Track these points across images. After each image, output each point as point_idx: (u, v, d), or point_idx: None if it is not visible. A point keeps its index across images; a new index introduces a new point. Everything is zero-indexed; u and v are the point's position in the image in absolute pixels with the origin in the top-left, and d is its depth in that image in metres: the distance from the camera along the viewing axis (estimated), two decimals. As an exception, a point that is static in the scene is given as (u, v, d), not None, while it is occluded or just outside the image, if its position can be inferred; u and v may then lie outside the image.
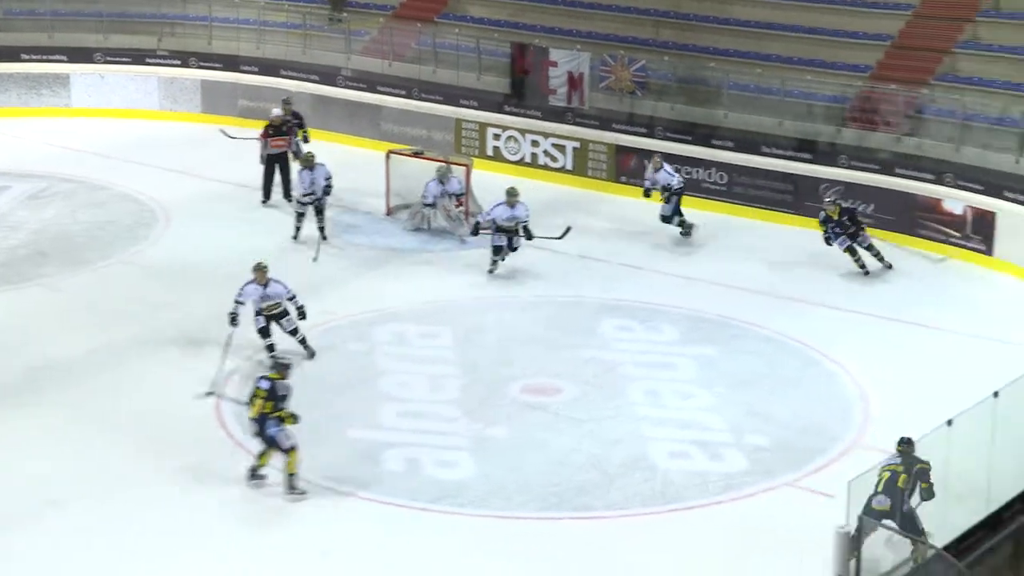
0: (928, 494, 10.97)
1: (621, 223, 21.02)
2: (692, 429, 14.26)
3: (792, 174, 21.10)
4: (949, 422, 10.43)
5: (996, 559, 10.65)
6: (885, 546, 10.55)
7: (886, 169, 20.48)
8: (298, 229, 19.56)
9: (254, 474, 13.01)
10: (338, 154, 23.90)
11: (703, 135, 22.12)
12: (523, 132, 23.41)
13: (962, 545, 10.39)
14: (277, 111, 21.90)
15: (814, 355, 16.16)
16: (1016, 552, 10.86)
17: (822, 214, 18.83)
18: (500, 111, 23.77)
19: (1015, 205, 18.94)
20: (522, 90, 23.63)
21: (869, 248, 18.71)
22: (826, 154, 21.01)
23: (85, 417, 14.43)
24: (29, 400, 14.79)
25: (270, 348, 15.60)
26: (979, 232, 19.32)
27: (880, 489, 10.86)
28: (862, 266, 18.60)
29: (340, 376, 15.44)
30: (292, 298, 15.70)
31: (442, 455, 13.71)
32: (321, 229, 19.46)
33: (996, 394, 10.73)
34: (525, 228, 18.40)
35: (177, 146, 24.35)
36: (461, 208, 20.29)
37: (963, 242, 19.50)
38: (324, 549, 12.01)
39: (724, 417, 14.52)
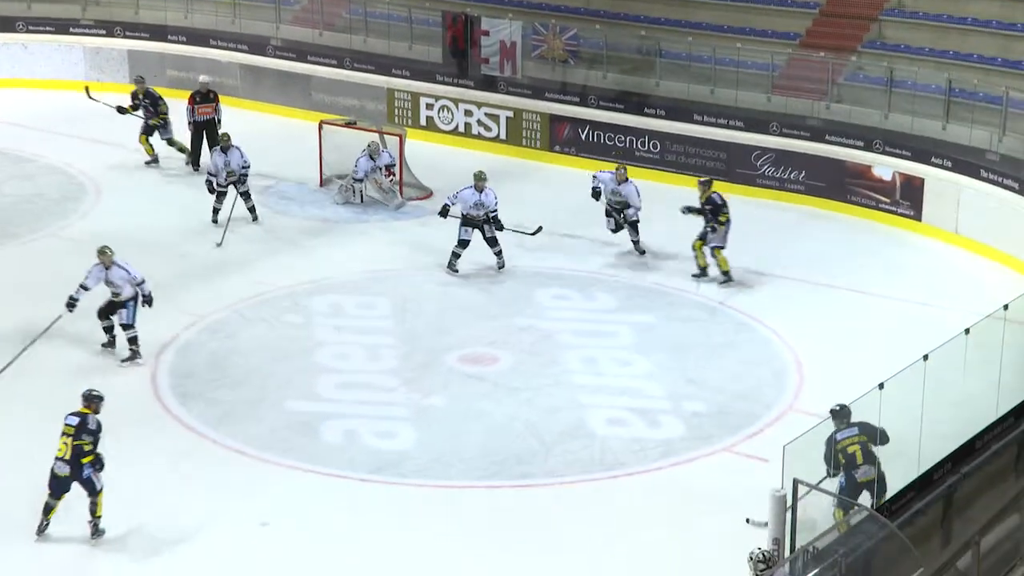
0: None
1: (555, 192, 21.06)
2: (629, 396, 14.39)
3: (724, 142, 21.26)
4: (881, 385, 10.60)
5: (927, 519, 10.89)
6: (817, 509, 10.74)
7: (816, 136, 20.69)
8: (216, 211, 18.95)
9: (43, 528, 11.68)
10: (270, 125, 23.77)
11: (636, 104, 22.18)
12: (456, 102, 23.34)
13: (894, 505, 10.61)
14: (204, 77, 22.03)
15: (748, 321, 16.35)
16: (946, 512, 11.10)
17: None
18: (433, 80, 23.67)
19: (942, 171, 19.23)
20: (464, 61, 23.48)
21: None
22: (757, 122, 21.18)
23: (12, 388, 14.20)
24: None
25: (110, 342, 15.00)
26: (908, 197, 19.61)
27: (861, 461, 10.95)
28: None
29: (276, 348, 15.37)
30: (140, 284, 14.81)
31: (381, 425, 13.73)
32: (251, 210, 19.18)
33: (926, 357, 10.91)
34: (495, 218, 17.53)
35: (104, 117, 23.92)
36: (393, 179, 20.21)
37: (892, 207, 19.78)
38: (263, 520, 11.98)
39: (661, 384, 14.67)
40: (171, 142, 21.40)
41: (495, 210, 17.55)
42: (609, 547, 11.80)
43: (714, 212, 17.32)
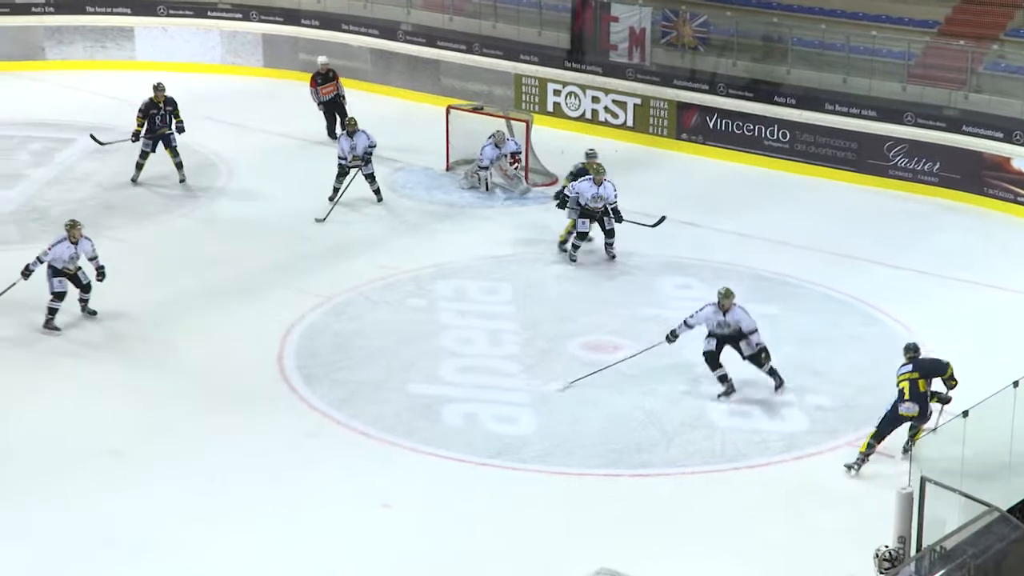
0: (951, 383, 12.51)
1: (682, 180, 20.87)
2: (752, 388, 14.19)
3: (856, 131, 20.83)
4: (1015, 383, 10.31)
5: (1061, 523, 10.54)
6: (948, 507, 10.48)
7: (953, 127, 20.16)
8: (336, 190, 19.07)
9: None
10: (398, 109, 23.99)
11: (766, 92, 21.85)
12: (584, 88, 23.25)
13: (1027, 508, 10.30)
14: (323, 58, 22.58)
15: (876, 314, 16.01)
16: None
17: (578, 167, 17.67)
18: (561, 67, 23.63)
19: (1085, 164, 18.61)
20: (581, 46, 23.41)
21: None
22: (891, 111, 20.71)
23: (146, 368, 14.62)
24: (91, 352, 15.00)
25: (51, 321, 15.25)
26: (1048, 191, 19.03)
27: (907, 397, 12.24)
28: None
29: (400, 331, 15.51)
30: (94, 258, 15.33)
31: (502, 410, 13.77)
32: (376, 192, 19.36)
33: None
34: (615, 210, 17.18)
35: (239, 100, 24.45)
36: (518, 166, 20.22)
37: (1031, 201, 19.21)
38: (385, 501, 12.11)
39: (785, 376, 14.42)
40: (175, 151, 20.12)
41: (615, 202, 17.27)
42: (729, 539, 11.67)
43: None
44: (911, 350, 12.72)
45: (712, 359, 13.92)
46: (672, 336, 14.17)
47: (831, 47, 21.82)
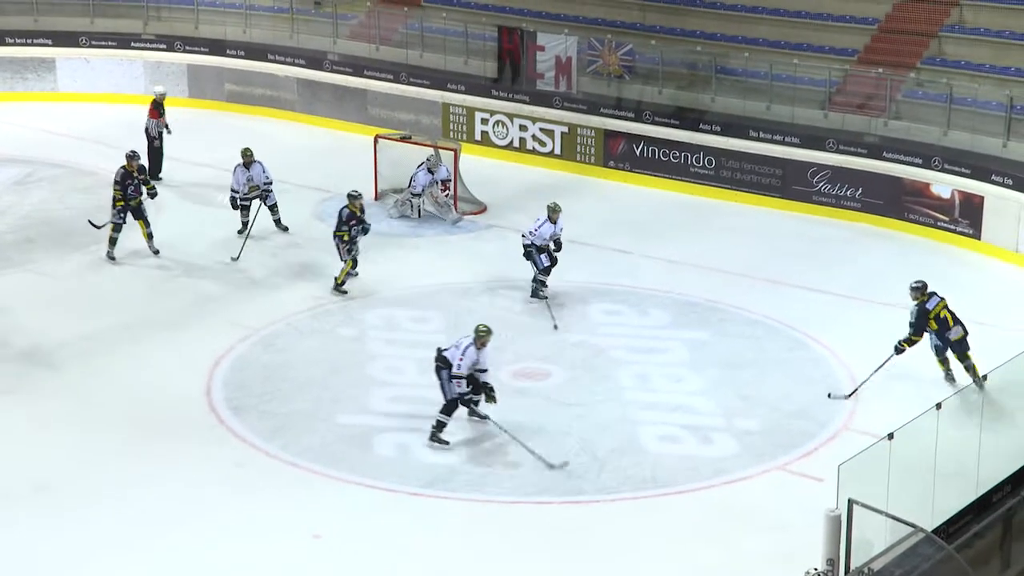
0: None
1: (609, 207, 21.02)
2: (682, 413, 14.30)
3: (780, 158, 21.13)
4: (938, 405, 10.47)
5: (984, 542, 10.72)
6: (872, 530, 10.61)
7: (874, 153, 20.52)
8: (244, 224, 19.02)
9: None
10: (325, 139, 23.95)
11: (691, 119, 22.12)
12: (511, 116, 23.37)
13: (951, 528, 10.46)
14: (160, 88, 22.46)
15: (802, 338, 16.21)
16: (1004, 534, 10.93)
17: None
18: (488, 95, 23.73)
19: (1003, 188, 19.00)
20: (516, 75, 23.55)
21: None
22: (813, 138, 21.03)
23: (73, 401, 14.42)
24: (18, 385, 14.76)
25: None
26: (967, 216, 19.38)
27: (952, 324, 14.10)
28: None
29: (330, 361, 15.44)
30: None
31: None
32: (277, 222, 19.33)
33: (984, 377, 10.78)
34: (557, 241, 17.29)
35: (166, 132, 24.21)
36: (448, 193, 20.26)
37: (951, 226, 19.56)
38: (315, 532, 12.02)
39: (714, 401, 14.57)
40: (146, 222, 18.78)
41: (560, 234, 17.27)
42: (661, 565, 11.73)
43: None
44: (923, 286, 14.39)
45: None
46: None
47: (754, 75, 22.15)
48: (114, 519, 12.11)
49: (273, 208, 19.30)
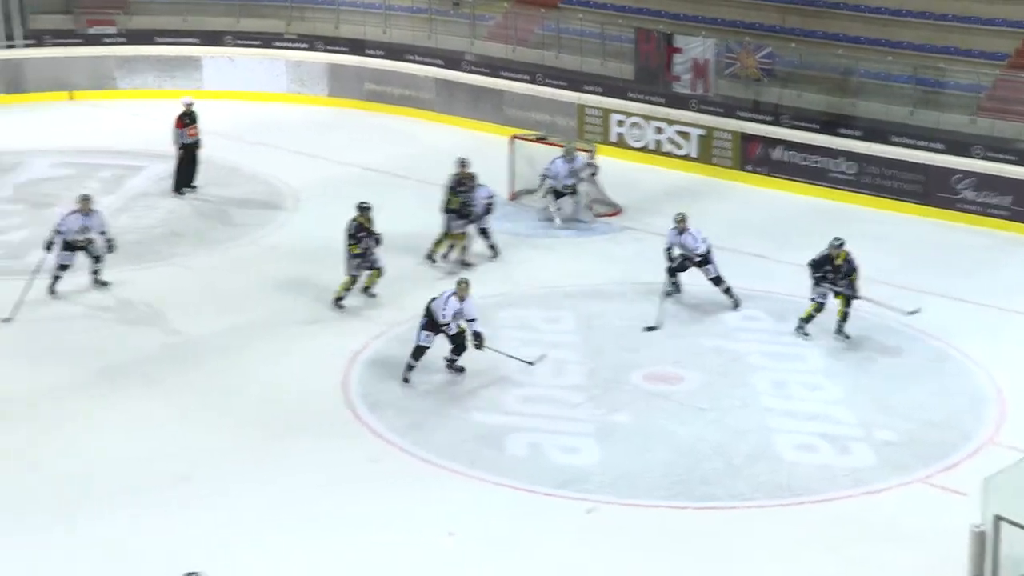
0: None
1: (746, 211, 20.79)
2: (819, 421, 14.07)
3: (923, 164, 20.66)
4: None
5: None
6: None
7: (1023, 160, 19.94)
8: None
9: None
10: (461, 139, 24.11)
11: (830, 123, 21.76)
12: (647, 118, 23.27)
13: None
14: (188, 99, 21.75)
15: (945, 348, 15.82)
16: None
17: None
18: (624, 97, 23.66)
19: None
20: (644, 76, 23.41)
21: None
22: (959, 144, 20.52)
23: (212, 395, 14.75)
24: (160, 376, 15.15)
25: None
26: (1122, 226, 18.76)
27: None
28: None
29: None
30: (103, 232, 16.93)
31: (566, 440, 13.72)
32: (492, 247, 18.75)
33: None
34: (705, 257, 16.95)
35: (305, 129, 24.71)
36: (595, 172, 20.16)
37: (1103, 236, 18.95)
38: (450, 530, 12.10)
39: (852, 410, 14.30)
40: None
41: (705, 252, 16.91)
42: (792, 574, 11.53)
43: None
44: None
45: None
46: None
47: (898, 79, 21.67)
48: (250, 512, 12.33)
49: (485, 235, 18.71)
